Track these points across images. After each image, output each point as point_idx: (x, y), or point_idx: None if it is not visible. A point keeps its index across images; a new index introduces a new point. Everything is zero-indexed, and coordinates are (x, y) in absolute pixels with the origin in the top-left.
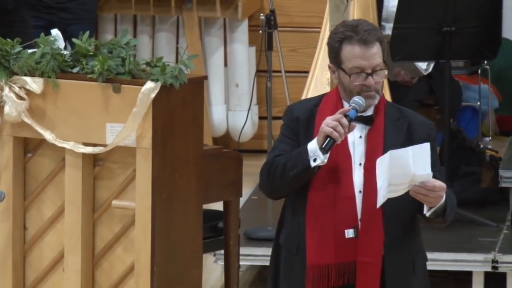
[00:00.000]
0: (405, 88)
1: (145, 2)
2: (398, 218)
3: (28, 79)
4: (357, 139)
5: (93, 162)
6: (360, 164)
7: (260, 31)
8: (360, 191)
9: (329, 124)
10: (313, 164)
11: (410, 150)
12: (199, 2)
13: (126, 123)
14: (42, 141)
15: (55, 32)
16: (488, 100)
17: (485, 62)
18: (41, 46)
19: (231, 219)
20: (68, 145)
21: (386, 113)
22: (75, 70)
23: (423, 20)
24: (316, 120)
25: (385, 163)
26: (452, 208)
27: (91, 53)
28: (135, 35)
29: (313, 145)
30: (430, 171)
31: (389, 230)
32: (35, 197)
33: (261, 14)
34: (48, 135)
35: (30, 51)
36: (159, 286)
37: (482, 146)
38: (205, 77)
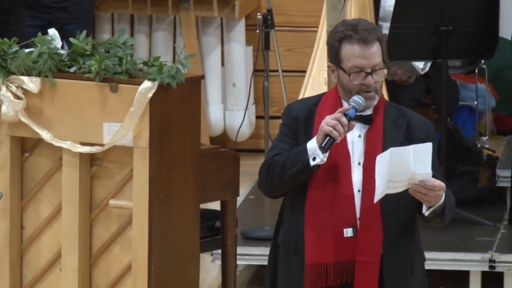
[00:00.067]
0: (402, 88)
1: (142, 1)
2: (397, 217)
3: (25, 78)
4: (356, 139)
5: (90, 161)
6: (359, 164)
7: (257, 31)
8: (359, 190)
9: (328, 123)
10: (312, 163)
11: (412, 148)
12: (196, 2)
13: (123, 122)
14: (39, 141)
15: (52, 31)
16: (485, 99)
17: (482, 61)
18: (38, 45)
19: (228, 218)
20: (65, 144)
21: (386, 112)
22: (72, 70)
23: (420, 20)
24: (315, 119)
25: (385, 159)
26: (451, 208)
27: (88, 53)
28: (132, 35)
29: (312, 144)
30: (430, 170)
31: (388, 230)
32: (32, 197)
33: (258, 14)
34: (45, 135)
35: (27, 50)
36: (156, 286)
37: (479, 146)
38: (202, 77)
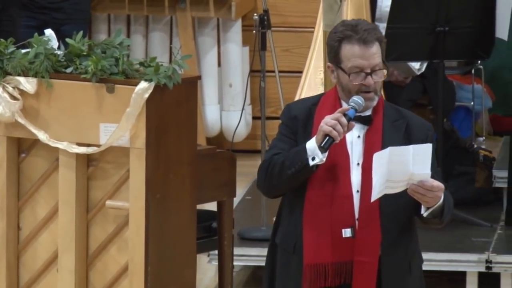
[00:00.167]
0: (398, 88)
1: (138, 2)
2: (395, 218)
3: (21, 79)
4: (355, 139)
5: (86, 162)
6: (358, 164)
7: (254, 31)
8: (357, 191)
9: (328, 123)
10: (311, 163)
11: (411, 148)
12: (192, 2)
13: (119, 123)
14: (36, 141)
15: (48, 32)
16: (481, 100)
17: (479, 62)
18: (34, 46)
19: (225, 219)
20: (61, 145)
21: (385, 113)
22: (68, 70)
23: (416, 20)
24: (315, 119)
25: (383, 158)
26: (450, 209)
27: (84, 53)
28: (128, 35)
29: (311, 144)
30: (430, 171)
31: (386, 230)
32: (29, 197)
33: (255, 14)
34: (42, 135)
35: (23, 51)
36: (153, 286)
37: (475, 146)
38: (199, 77)
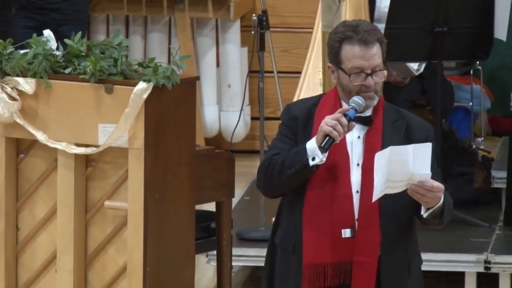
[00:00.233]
0: (397, 89)
1: (137, 2)
2: (395, 219)
3: (20, 79)
4: (355, 139)
5: (85, 162)
6: (358, 164)
7: (252, 32)
8: (357, 191)
9: (328, 123)
10: (311, 163)
11: (411, 148)
12: (191, 3)
13: (118, 123)
14: (35, 142)
15: (47, 32)
16: (480, 100)
17: (477, 62)
18: (33, 46)
19: (223, 219)
20: (60, 145)
21: (385, 114)
22: (67, 71)
23: (415, 21)
24: (315, 119)
25: (384, 158)
26: (449, 210)
27: (83, 54)
28: (127, 36)
29: (311, 144)
30: (430, 171)
31: (386, 231)
32: (27, 198)
33: (253, 15)
34: (41, 136)
35: (22, 51)
36: (151, 287)
37: (474, 147)
38: (197, 78)
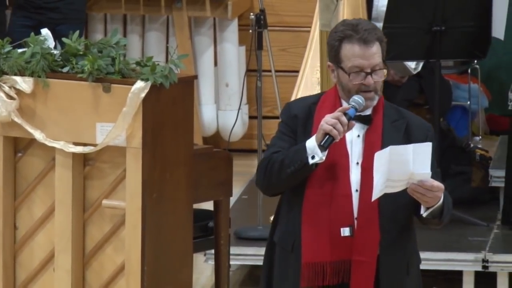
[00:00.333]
0: (395, 88)
1: (135, 1)
2: (394, 218)
3: (18, 78)
4: (355, 138)
5: (83, 161)
6: (357, 163)
7: (250, 31)
8: (356, 190)
9: (328, 121)
10: (311, 162)
11: (411, 147)
12: (189, 2)
13: (116, 122)
14: (32, 141)
15: (45, 31)
16: (478, 99)
17: (475, 61)
18: (31, 45)
19: (221, 218)
20: (58, 144)
21: (385, 113)
22: (65, 70)
23: (413, 20)
24: (315, 118)
25: (384, 157)
26: (449, 210)
27: (81, 53)
28: (125, 35)
29: (311, 143)
30: (429, 170)
31: (385, 230)
32: (25, 197)
33: (251, 14)
34: (38, 135)
35: (20, 50)
36: (149, 286)
37: (472, 146)
38: (195, 77)
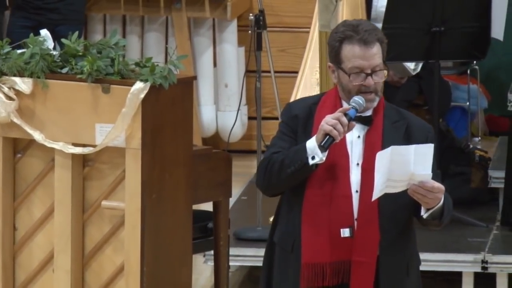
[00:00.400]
0: (394, 88)
1: (134, 2)
2: (394, 219)
3: (17, 79)
4: (355, 139)
5: (82, 162)
6: (357, 164)
7: (249, 31)
8: (356, 191)
9: (328, 122)
10: (311, 162)
11: (413, 148)
12: (188, 3)
13: (115, 123)
14: (32, 142)
15: (44, 32)
16: (477, 100)
17: (474, 62)
18: (30, 46)
19: (220, 219)
20: (57, 145)
21: (385, 114)
22: (64, 71)
23: (412, 20)
24: (315, 118)
25: (385, 157)
26: (449, 211)
27: (80, 54)
28: (124, 35)
29: (311, 143)
30: (430, 171)
31: (385, 231)
32: (24, 198)
33: (250, 14)
34: (38, 136)
35: (19, 51)
36: (148, 287)
37: (471, 146)
38: (194, 78)
